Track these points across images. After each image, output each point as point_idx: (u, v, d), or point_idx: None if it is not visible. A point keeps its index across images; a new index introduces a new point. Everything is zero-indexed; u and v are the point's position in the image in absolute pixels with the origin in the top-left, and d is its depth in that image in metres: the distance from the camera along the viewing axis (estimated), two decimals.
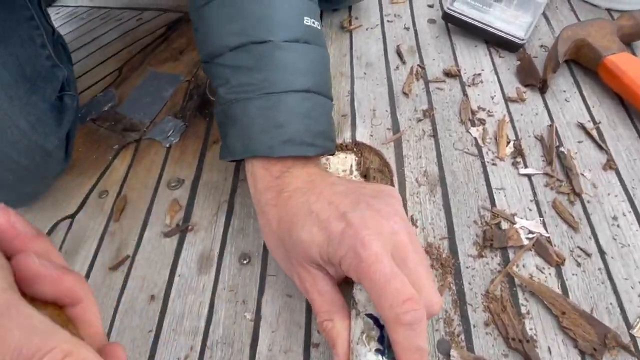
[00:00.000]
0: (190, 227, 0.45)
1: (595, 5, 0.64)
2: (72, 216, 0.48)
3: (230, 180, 0.49)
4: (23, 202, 0.50)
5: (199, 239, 0.44)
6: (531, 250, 0.40)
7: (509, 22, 0.57)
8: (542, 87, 0.53)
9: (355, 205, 0.32)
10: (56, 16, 0.84)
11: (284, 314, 0.38)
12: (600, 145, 0.47)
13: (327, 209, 0.32)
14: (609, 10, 0.63)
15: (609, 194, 0.43)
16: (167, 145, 0.53)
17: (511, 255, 0.40)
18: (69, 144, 0.49)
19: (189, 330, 0.38)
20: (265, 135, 0.37)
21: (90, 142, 0.56)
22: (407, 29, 0.63)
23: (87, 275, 0.43)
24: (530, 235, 0.41)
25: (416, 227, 0.43)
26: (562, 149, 0.47)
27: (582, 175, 0.45)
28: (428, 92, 0.54)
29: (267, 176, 0.37)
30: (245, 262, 0.42)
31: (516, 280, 0.38)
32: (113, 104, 0.59)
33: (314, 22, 0.41)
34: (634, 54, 0.56)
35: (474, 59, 0.58)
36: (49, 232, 0.47)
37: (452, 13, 0.59)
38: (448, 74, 0.56)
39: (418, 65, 0.58)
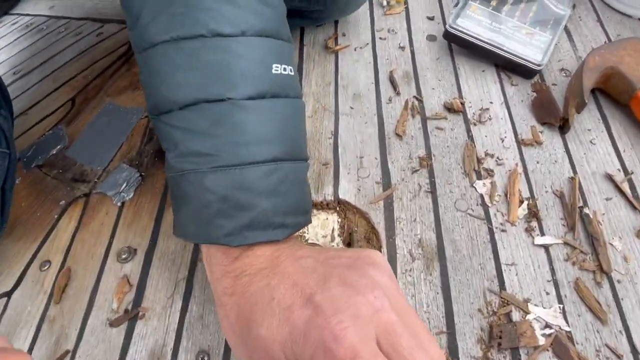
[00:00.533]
0: (141, 314, 0.38)
1: (626, 15, 0.54)
2: (9, 293, 0.41)
3: (190, 250, 0.41)
4: None
5: (151, 329, 0.37)
6: (548, 351, 0.33)
7: (524, 43, 0.48)
8: (562, 127, 0.44)
9: (324, 283, 0.25)
10: (13, 27, 0.75)
11: None
12: (633, 204, 0.39)
13: (290, 294, 0.26)
14: None
15: None
16: (120, 204, 0.45)
17: (523, 357, 0.33)
18: (4, 206, 0.42)
19: None
20: (222, 220, 0.29)
21: (36, 194, 0.48)
22: (403, 48, 0.54)
23: None
24: (548, 331, 0.34)
25: None
26: (586, 210, 0.39)
27: (611, 244, 0.37)
28: (425, 133, 0.46)
29: (224, 259, 0.30)
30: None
31: None
32: (62, 146, 0.51)
33: (285, 68, 0.33)
34: None
35: (481, 88, 0.49)
36: None
37: (455, 32, 0.49)
38: (450, 108, 0.47)
39: (414, 96, 0.49)
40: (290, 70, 0.33)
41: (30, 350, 0.37)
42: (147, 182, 0.47)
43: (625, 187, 0.40)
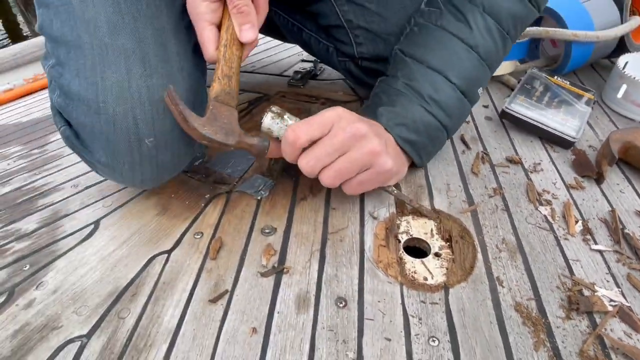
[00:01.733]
0: (285, 270, 0.47)
1: (631, 119, 0.73)
2: (169, 252, 0.51)
3: (319, 232, 0.52)
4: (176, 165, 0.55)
5: (295, 281, 0.46)
6: (616, 317, 0.42)
7: (561, 124, 0.66)
8: (598, 179, 0.59)
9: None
10: None
11: (385, 356, 0.39)
12: None
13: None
14: None
15: None
16: (258, 198, 0.57)
17: (597, 320, 0.42)
18: None
19: None
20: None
21: (183, 189, 0.60)
22: (468, 122, 0.72)
23: (186, 306, 0.44)
24: (613, 303, 0.44)
25: (503, 287, 0.45)
26: (627, 230, 0.52)
27: None
28: (495, 174, 0.60)
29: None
30: (342, 305, 0.44)
31: (607, 342, 0.40)
32: (203, 160, 0.65)
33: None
34: None
35: (532, 152, 0.65)
36: (146, 265, 0.49)
37: (510, 112, 0.68)
38: (511, 160, 0.63)
39: (482, 151, 0.65)
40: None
41: (192, 289, 0.46)
42: (279, 186, 0.59)
43: None
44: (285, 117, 0.50)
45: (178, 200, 0.59)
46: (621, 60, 0.77)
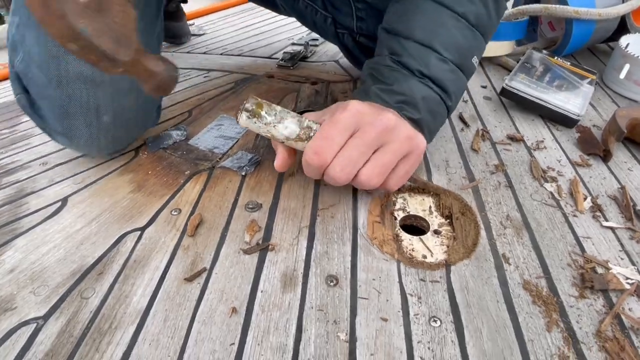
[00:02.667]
0: (271, 247, 0.43)
1: (633, 100, 0.70)
2: (142, 229, 0.46)
3: (309, 208, 0.48)
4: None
5: (281, 259, 0.42)
6: (633, 295, 0.39)
7: (564, 101, 0.63)
8: (605, 156, 0.56)
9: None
10: None
11: (381, 338, 0.35)
12: None
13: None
14: None
15: None
16: (243, 174, 0.53)
17: (614, 299, 0.38)
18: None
19: (276, 346, 0.34)
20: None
21: (162, 166, 0.55)
22: (466, 101, 0.68)
23: (159, 285, 0.39)
24: (629, 281, 0.40)
25: (509, 264, 0.41)
26: (639, 207, 0.48)
27: None
28: (496, 151, 0.57)
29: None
30: (332, 284, 0.39)
31: (626, 322, 0.36)
32: (184, 138, 0.60)
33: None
34: None
35: (534, 130, 0.62)
36: (116, 243, 0.44)
37: (511, 89, 0.64)
38: (512, 138, 0.59)
39: (482, 129, 0.61)
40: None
41: (166, 267, 0.41)
42: (265, 162, 0.55)
43: None
44: (263, 113, 0.42)
45: (155, 177, 0.54)
46: (623, 40, 0.74)
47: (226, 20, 1.19)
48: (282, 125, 0.42)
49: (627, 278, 0.40)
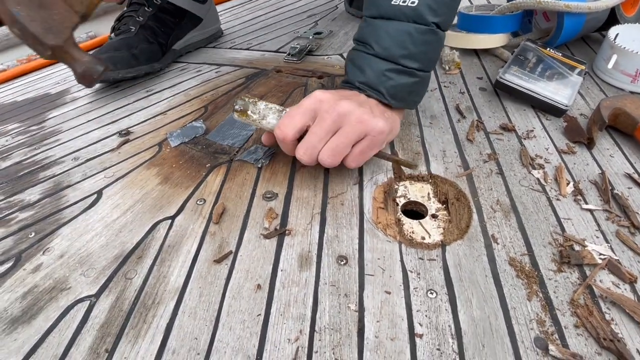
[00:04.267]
0: (287, 231, 0.49)
1: (620, 88, 0.74)
2: (172, 218, 0.52)
3: (320, 196, 0.53)
4: None
5: (297, 242, 0.48)
6: (605, 269, 0.44)
7: (553, 92, 0.67)
8: (589, 144, 0.61)
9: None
10: None
11: (386, 307, 0.41)
12: None
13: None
14: (632, 92, 0.73)
15: None
16: (259, 166, 0.58)
17: (587, 272, 0.44)
18: None
19: (296, 316, 0.40)
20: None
21: (184, 159, 0.61)
22: (463, 93, 0.73)
23: (192, 267, 0.46)
24: (602, 257, 0.45)
25: (497, 244, 0.47)
26: (616, 191, 0.54)
27: (638, 213, 0.51)
28: (489, 141, 0.62)
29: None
30: (342, 263, 0.45)
31: (596, 291, 0.42)
32: (203, 132, 0.66)
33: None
34: None
35: (525, 119, 0.67)
36: (150, 230, 0.50)
37: (504, 81, 0.69)
38: (505, 128, 0.64)
39: (477, 120, 0.66)
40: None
41: (197, 252, 0.47)
42: (279, 155, 0.60)
43: None
44: (249, 113, 0.53)
45: (179, 170, 0.60)
46: (612, 31, 0.78)
47: (232, 12, 1.23)
48: (266, 120, 0.53)
49: (601, 254, 0.46)
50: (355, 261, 0.45)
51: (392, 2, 0.53)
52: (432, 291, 0.42)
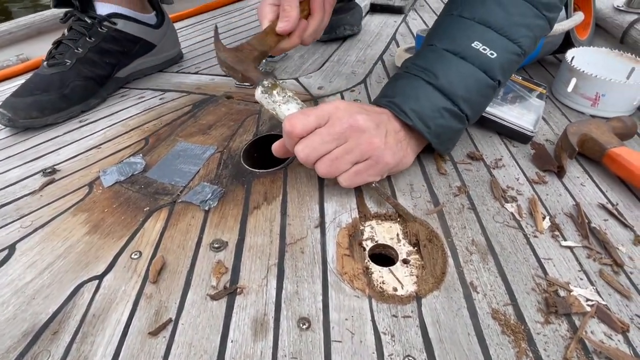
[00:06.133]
0: (239, 290, 0.42)
1: (581, 112, 0.73)
2: (100, 277, 0.43)
3: (276, 243, 0.47)
4: None
5: (250, 302, 0.41)
6: (594, 317, 0.40)
7: (518, 118, 0.65)
8: (559, 172, 0.58)
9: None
10: None
11: None
12: (625, 224, 0.51)
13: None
14: (592, 116, 0.72)
15: None
16: (206, 209, 0.51)
17: (577, 322, 0.40)
18: None
19: None
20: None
21: (118, 202, 0.53)
22: None
23: (121, 342, 0.37)
24: (590, 303, 0.41)
25: (477, 292, 0.42)
26: (593, 224, 0.50)
27: (618, 249, 0.48)
28: (458, 172, 0.58)
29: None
30: (305, 327, 0.38)
31: (590, 346, 0.37)
32: (142, 170, 0.58)
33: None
34: None
35: (492, 147, 0.63)
36: (71, 295, 0.42)
37: None
38: (472, 157, 0.61)
39: None
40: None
41: (129, 321, 0.39)
42: (229, 195, 0.53)
43: (615, 212, 0.52)
44: (275, 92, 0.52)
45: (112, 215, 0.51)
46: (569, 54, 0.78)
47: (181, 34, 1.15)
48: (286, 106, 0.52)
49: (588, 300, 0.42)
50: (320, 324, 0.39)
51: (473, 45, 0.53)
52: (410, 357, 0.36)
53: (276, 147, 0.53)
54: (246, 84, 0.58)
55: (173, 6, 1.00)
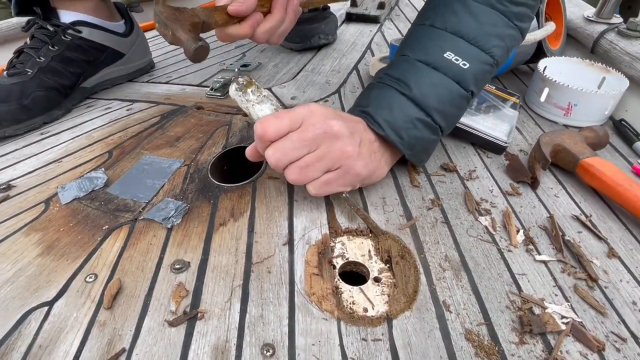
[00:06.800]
0: (200, 315, 0.39)
1: (554, 122, 0.73)
2: (50, 304, 0.40)
3: (242, 263, 0.44)
4: None
5: (212, 328, 0.38)
6: (569, 336, 0.39)
7: (492, 129, 0.64)
8: (533, 184, 0.57)
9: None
10: None
11: None
12: (599, 236, 0.50)
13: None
14: (565, 125, 0.72)
15: (621, 280, 0.45)
16: (169, 226, 0.48)
17: (552, 341, 0.38)
18: None
19: None
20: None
21: (76, 221, 0.50)
22: None
23: None
24: (565, 320, 0.40)
25: (450, 312, 0.40)
26: (567, 237, 0.49)
27: (592, 262, 0.47)
28: (431, 184, 0.57)
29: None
30: (269, 354, 0.36)
31: None
32: (103, 185, 0.55)
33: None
34: None
35: (466, 158, 0.62)
36: (17, 325, 0.38)
37: None
38: (446, 168, 0.59)
39: None
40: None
41: (78, 352, 0.36)
42: (194, 211, 0.51)
43: (589, 224, 0.52)
44: (249, 91, 0.50)
45: (68, 235, 0.48)
46: (541, 64, 0.78)
47: (153, 42, 1.12)
48: (260, 107, 0.49)
49: (563, 317, 0.41)
50: (285, 350, 0.36)
51: (445, 55, 0.53)
52: None
53: (249, 151, 0.51)
54: (180, 47, 0.52)
55: (145, 14, 0.97)
